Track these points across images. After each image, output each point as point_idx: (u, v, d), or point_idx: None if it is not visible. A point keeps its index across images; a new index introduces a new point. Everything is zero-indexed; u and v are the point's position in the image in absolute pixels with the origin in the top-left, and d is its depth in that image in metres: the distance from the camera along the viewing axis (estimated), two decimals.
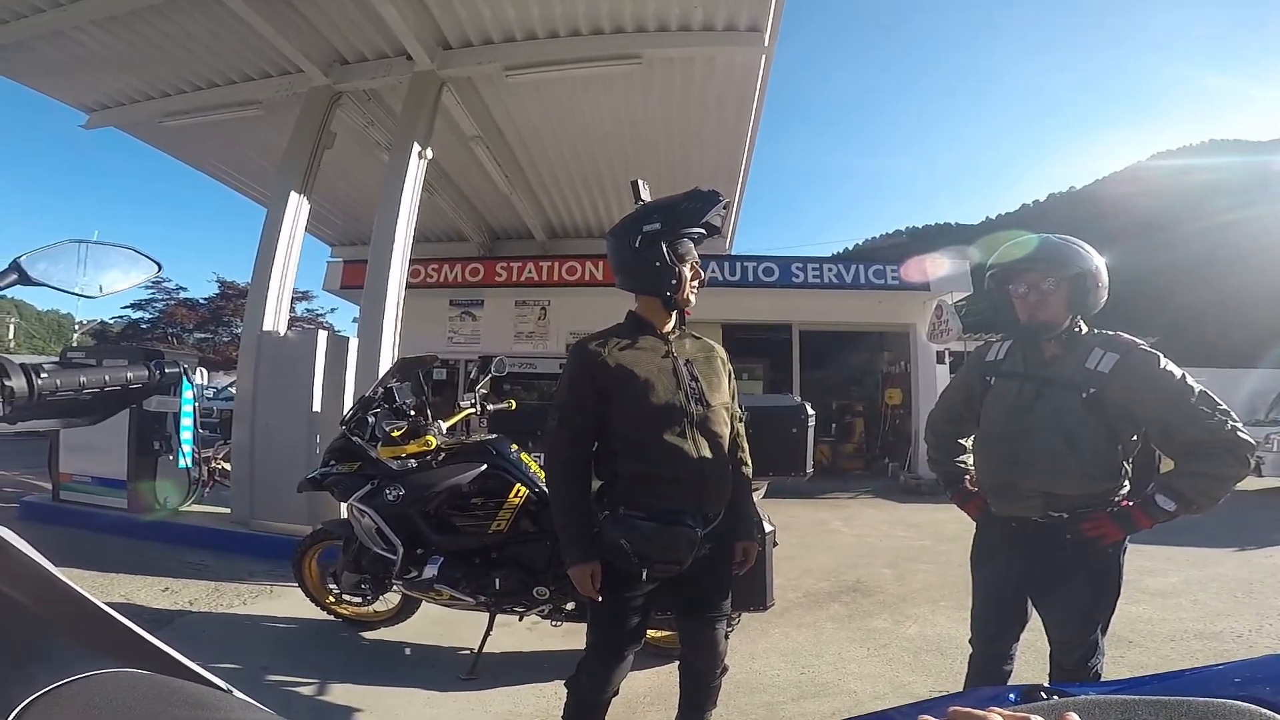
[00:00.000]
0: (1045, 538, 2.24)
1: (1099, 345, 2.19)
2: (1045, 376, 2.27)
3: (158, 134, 9.17)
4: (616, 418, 2.14)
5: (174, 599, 4.44)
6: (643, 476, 2.12)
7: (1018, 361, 2.40)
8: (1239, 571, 5.43)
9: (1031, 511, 2.25)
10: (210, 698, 0.59)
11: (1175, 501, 2.06)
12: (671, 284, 2.17)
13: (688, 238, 2.19)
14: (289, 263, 7.11)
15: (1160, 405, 2.07)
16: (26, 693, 0.50)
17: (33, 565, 0.66)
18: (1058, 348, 2.29)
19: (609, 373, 2.13)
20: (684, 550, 2.10)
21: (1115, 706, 0.64)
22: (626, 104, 8.08)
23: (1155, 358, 2.11)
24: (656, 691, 3.26)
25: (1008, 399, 2.34)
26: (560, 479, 2.22)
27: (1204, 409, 2.02)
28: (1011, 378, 2.37)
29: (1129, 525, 2.13)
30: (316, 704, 3.13)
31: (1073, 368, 2.21)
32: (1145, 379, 2.09)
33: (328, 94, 7.43)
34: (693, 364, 2.23)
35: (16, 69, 7.84)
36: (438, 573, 3.33)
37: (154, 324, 31.90)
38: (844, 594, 5.02)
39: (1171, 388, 2.05)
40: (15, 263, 1.08)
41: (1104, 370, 2.13)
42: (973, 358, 2.64)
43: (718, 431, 2.19)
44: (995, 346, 2.52)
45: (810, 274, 12.43)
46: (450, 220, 12.21)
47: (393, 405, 3.68)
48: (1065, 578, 2.23)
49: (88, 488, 6.63)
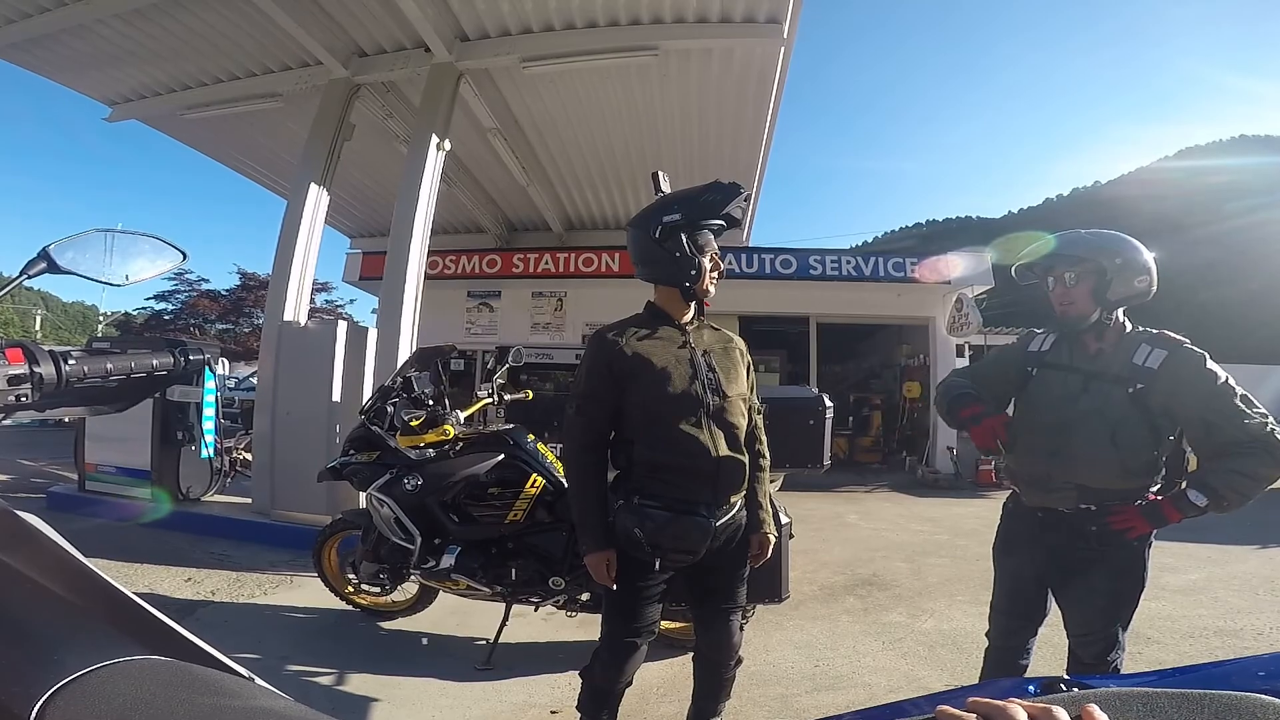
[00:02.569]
0: (1071, 529, 2.25)
1: (1146, 342, 2.21)
2: (1092, 370, 2.27)
3: (179, 126, 9.26)
4: (633, 406, 2.16)
5: (197, 589, 4.50)
6: (658, 465, 2.13)
7: (1064, 354, 2.39)
8: (1261, 569, 5.38)
9: (1063, 503, 2.26)
10: (233, 685, 0.61)
11: (1207, 497, 2.05)
12: (691, 274, 2.18)
13: (708, 229, 2.19)
14: (309, 254, 7.16)
15: (1204, 403, 2.08)
16: (56, 678, 0.52)
17: (62, 553, 0.68)
18: (1100, 342, 2.31)
19: (626, 361, 2.14)
20: (697, 540, 2.11)
21: (1136, 699, 0.64)
22: (644, 96, 8.05)
23: (1202, 357, 2.12)
24: (670, 682, 3.27)
25: (1053, 391, 2.34)
26: (577, 467, 2.24)
27: (1245, 409, 2.04)
28: (1057, 369, 2.37)
29: (1157, 519, 2.13)
30: (335, 693, 3.16)
31: (1120, 363, 2.22)
32: (1191, 376, 2.10)
33: (347, 86, 7.45)
34: (710, 354, 2.23)
35: (41, 63, 7.92)
36: (455, 562, 3.35)
37: (177, 315, 32.12)
38: (859, 587, 5.02)
39: (1216, 387, 2.07)
40: (44, 251, 1.10)
41: (1152, 366, 2.14)
42: (1016, 345, 2.63)
43: (734, 423, 2.19)
44: (1039, 338, 2.52)
45: (829, 266, 12.40)
46: (468, 212, 12.24)
47: (411, 395, 3.69)
48: (1088, 570, 2.24)
49: (112, 478, 6.72)
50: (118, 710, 0.51)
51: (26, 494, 7.30)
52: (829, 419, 3.42)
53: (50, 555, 0.68)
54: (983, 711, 0.61)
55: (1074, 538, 2.25)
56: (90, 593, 0.68)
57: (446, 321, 12.63)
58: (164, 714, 0.53)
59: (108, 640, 0.61)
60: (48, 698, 0.50)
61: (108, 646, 0.59)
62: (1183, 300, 51.77)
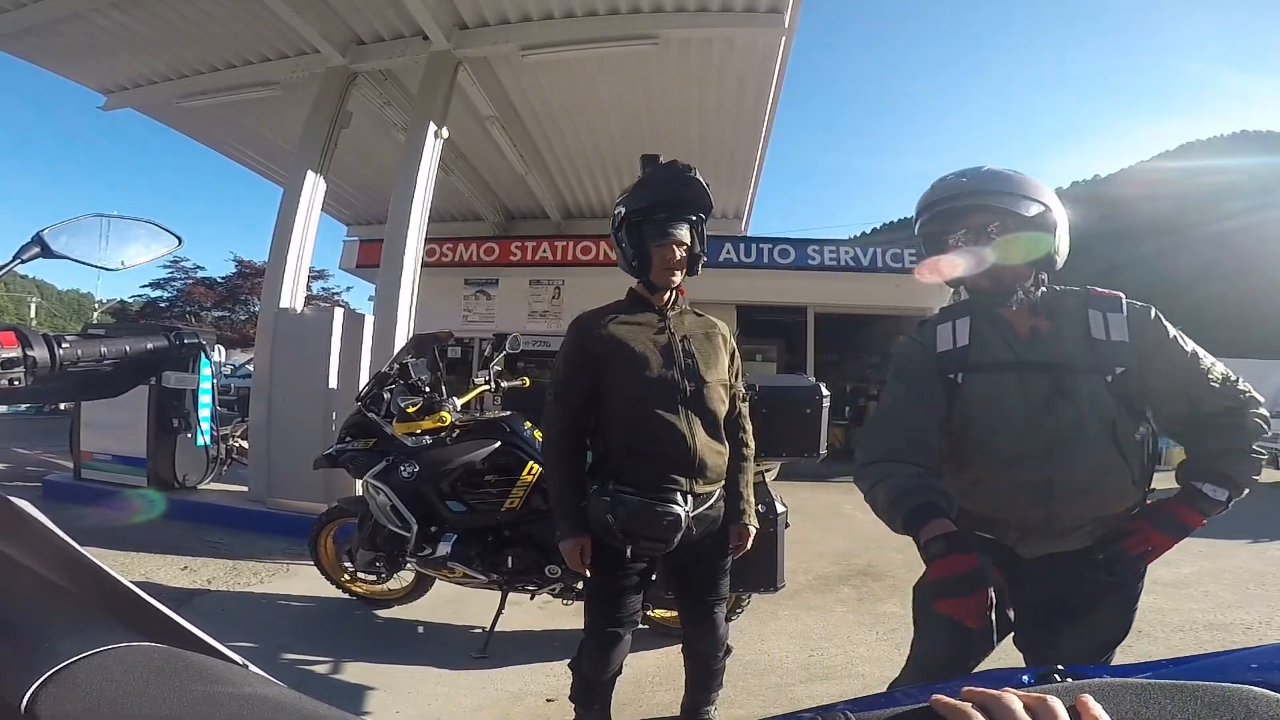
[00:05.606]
0: (1072, 565, 1.73)
1: (1090, 306, 1.71)
2: (1055, 363, 1.69)
3: (175, 115, 9.22)
4: (609, 391, 2.16)
5: (193, 577, 4.50)
6: (632, 451, 2.12)
7: (996, 346, 1.75)
8: (1252, 563, 5.40)
9: (1077, 544, 1.73)
10: (226, 672, 0.60)
11: (1227, 489, 1.64)
12: (633, 266, 2.19)
13: (660, 217, 2.14)
14: (306, 241, 7.15)
15: (1180, 373, 1.67)
16: (48, 665, 0.51)
17: (55, 539, 0.67)
18: (1032, 316, 1.75)
19: (603, 345, 2.14)
20: (669, 528, 2.09)
21: (1130, 690, 0.64)
22: (643, 85, 8.03)
23: (1153, 312, 1.70)
24: (665, 671, 3.28)
25: (1010, 402, 1.70)
26: (554, 453, 2.25)
27: (1210, 368, 1.67)
28: (998, 370, 1.74)
29: (1178, 529, 1.68)
30: (331, 681, 3.17)
31: (1078, 343, 1.69)
32: (1160, 341, 1.67)
33: (344, 74, 7.42)
34: (689, 340, 2.22)
35: (35, 52, 7.87)
36: (451, 550, 3.36)
37: (173, 302, 32.12)
38: (854, 578, 5.04)
39: (1182, 349, 1.67)
40: (38, 236, 1.09)
41: (1120, 339, 1.66)
42: (911, 351, 1.88)
43: (712, 409, 2.18)
44: (943, 330, 1.83)
45: (827, 256, 12.42)
46: (466, 200, 12.21)
47: (408, 381, 3.68)
48: (1088, 607, 1.73)
49: (108, 466, 6.71)
50: (110, 697, 0.51)
51: (22, 482, 7.31)
52: (826, 408, 3.41)
53: (42, 541, 0.67)
54: (978, 701, 0.61)
55: (1071, 574, 1.72)
56: (82, 579, 0.67)
57: (444, 309, 12.62)
58: (157, 701, 0.53)
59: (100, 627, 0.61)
60: (39, 685, 0.49)
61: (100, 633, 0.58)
62: (1176, 297, 51.85)
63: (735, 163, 9.72)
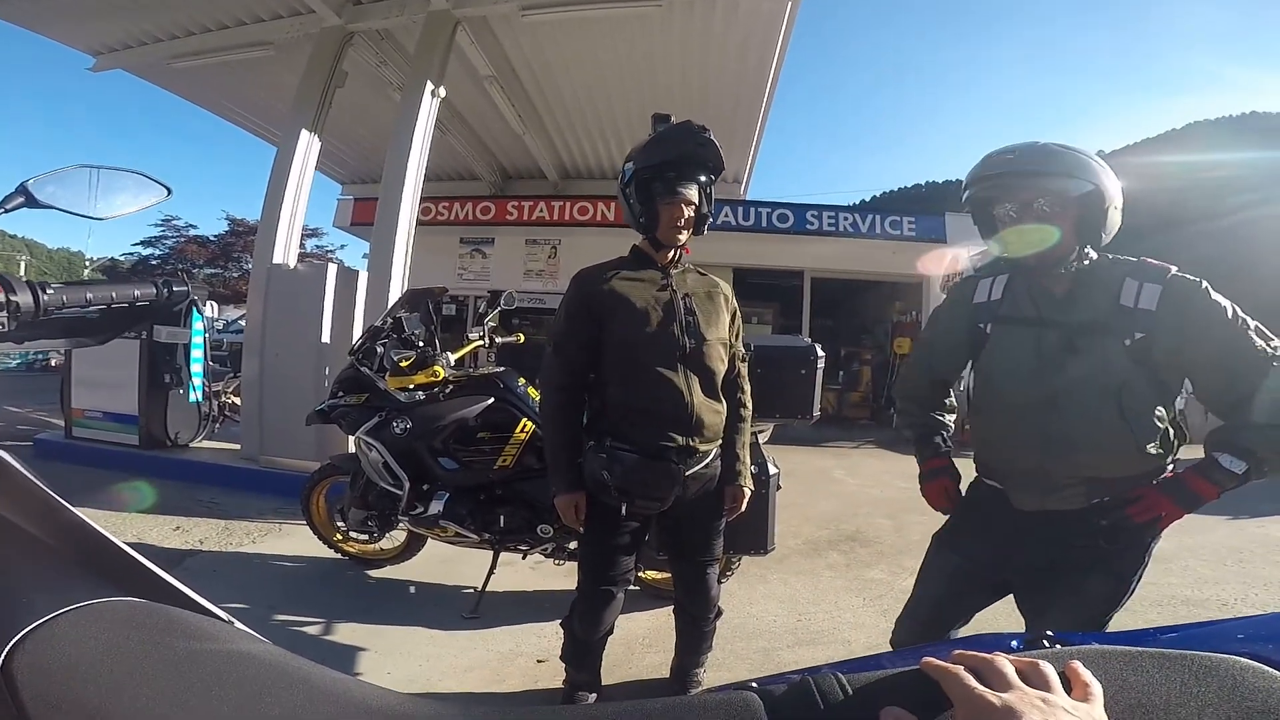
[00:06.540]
0: (1073, 529, 1.76)
1: (1130, 275, 1.70)
2: (1074, 322, 1.74)
3: (167, 76, 9.03)
4: (609, 347, 2.15)
5: (185, 538, 4.51)
6: (630, 408, 2.12)
7: (1024, 303, 1.85)
8: (1230, 540, 5.43)
9: (1071, 504, 1.76)
10: (211, 628, 0.60)
11: (1246, 461, 1.60)
12: (641, 223, 2.18)
13: (670, 175, 2.13)
14: (299, 198, 7.07)
15: (1220, 346, 1.62)
16: (26, 621, 0.50)
17: (33, 488, 0.66)
18: (1070, 282, 1.78)
19: (604, 300, 2.13)
20: (665, 487, 2.10)
21: (1119, 657, 0.65)
22: (645, 46, 7.87)
23: (1202, 286, 1.66)
24: (655, 633, 3.31)
25: (1024, 355, 1.79)
26: (551, 407, 2.24)
27: (1267, 346, 1.60)
28: (1021, 324, 1.83)
29: (1189, 500, 1.67)
30: (322, 642, 3.18)
31: (1103, 307, 1.71)
32: (1199, 313, 1.63)
33: (340, 34, 7.27)
34: (691, 298, 2.21)
35: (22, 14, 7.67)
36: (443, 509, 3.35)
37: (164, 260, 31.96)
38: (843, 543, 5.08)
39: (1228, 323, 1.61)
40: (22, 186, 1.07)
41: (1148, 307, 1.65)
42: (956, 298, 2.06)
43: (711, 367, 2.18)
44: (984, 284, 1.97)
45: (825, 221, 12.44)
46: (462, 159, 12.08)
47: (401, 335, 3.65)
48: (1084, 574, 1.76)
49: (100, 423, 6.68)
50: (90, 653, 0.51)
51: (13, 441, 7.25)
52: (820, 369, 3.39)
53: (21, 491, 0.66)
54: (969, 664, 0.61)
55: (1070, 537, 1.76)
56: (63, 532, 0.66)
57: (439, 267, 12.59)
58: (138, 657, 0.52)
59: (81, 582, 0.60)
60: (17, 641, 0.49)
61: (81, 588, 0.58)
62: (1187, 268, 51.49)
63: (736, 127, 9.60)
